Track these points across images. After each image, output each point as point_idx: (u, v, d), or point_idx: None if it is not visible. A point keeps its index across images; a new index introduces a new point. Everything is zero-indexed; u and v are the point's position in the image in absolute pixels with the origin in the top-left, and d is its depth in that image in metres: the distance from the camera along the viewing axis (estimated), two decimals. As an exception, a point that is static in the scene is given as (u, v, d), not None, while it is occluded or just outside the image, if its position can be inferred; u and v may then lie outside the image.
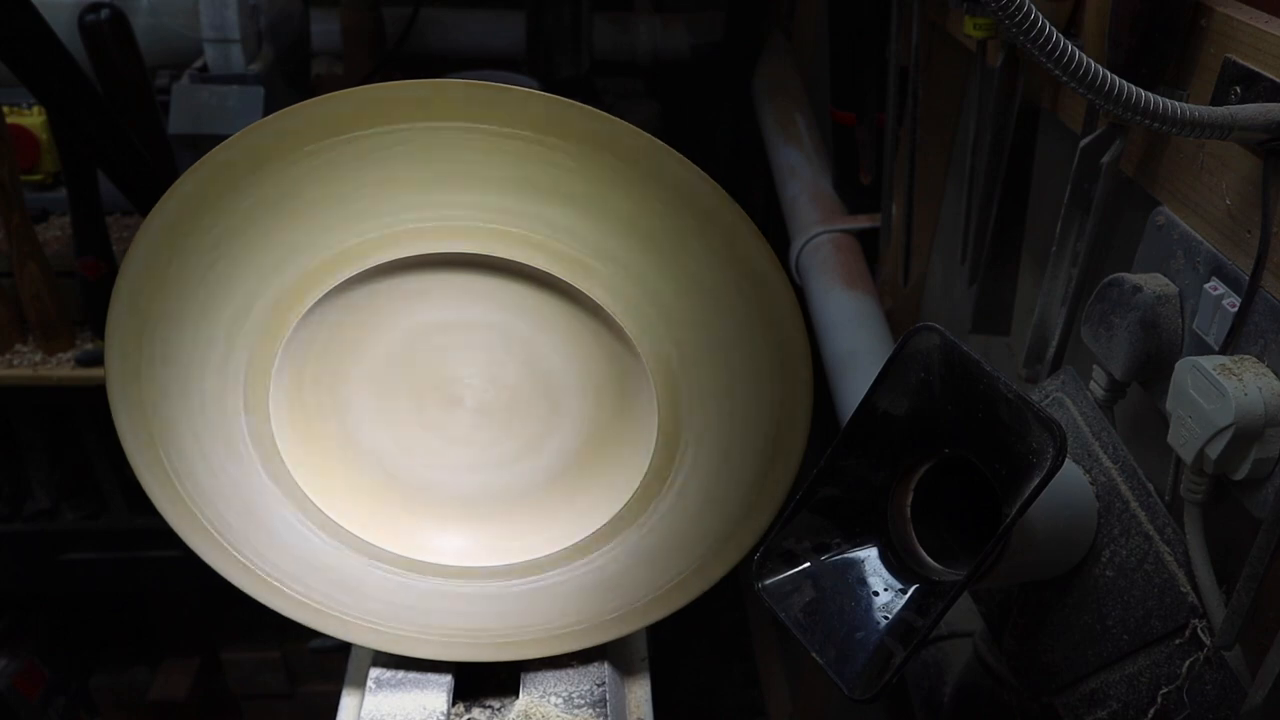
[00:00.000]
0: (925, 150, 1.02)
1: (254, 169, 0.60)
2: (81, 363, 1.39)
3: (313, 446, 0.68)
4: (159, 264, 0.62)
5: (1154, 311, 0.58)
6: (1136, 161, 0.64)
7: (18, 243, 1.32)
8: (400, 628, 0.71)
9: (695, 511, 0.68)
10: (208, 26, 1.41)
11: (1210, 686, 0.54)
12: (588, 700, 0.70)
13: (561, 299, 0.64)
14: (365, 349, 0.66)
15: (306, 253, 0.62)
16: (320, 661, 1.89)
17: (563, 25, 1.49)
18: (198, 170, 0.60)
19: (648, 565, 0.69)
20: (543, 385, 0.67)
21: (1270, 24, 0.52)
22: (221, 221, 0.61)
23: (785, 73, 1.54)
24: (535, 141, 0.59)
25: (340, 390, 0.68)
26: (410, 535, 0.70)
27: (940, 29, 0.94)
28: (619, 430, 0.68)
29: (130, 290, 0.62)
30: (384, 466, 0.70)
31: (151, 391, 0.64)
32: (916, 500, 0.56)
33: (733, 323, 0.63)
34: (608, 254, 0.62)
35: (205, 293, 0.62)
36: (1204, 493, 0.54)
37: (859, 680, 0.52)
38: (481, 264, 0.63)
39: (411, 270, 0.63)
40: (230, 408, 0.65)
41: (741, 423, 0.66)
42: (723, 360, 0.64)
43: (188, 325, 0.63)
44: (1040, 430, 0.48)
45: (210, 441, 0.66)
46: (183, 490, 0.67)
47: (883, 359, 0.53)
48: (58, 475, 1.55)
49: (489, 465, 0.70)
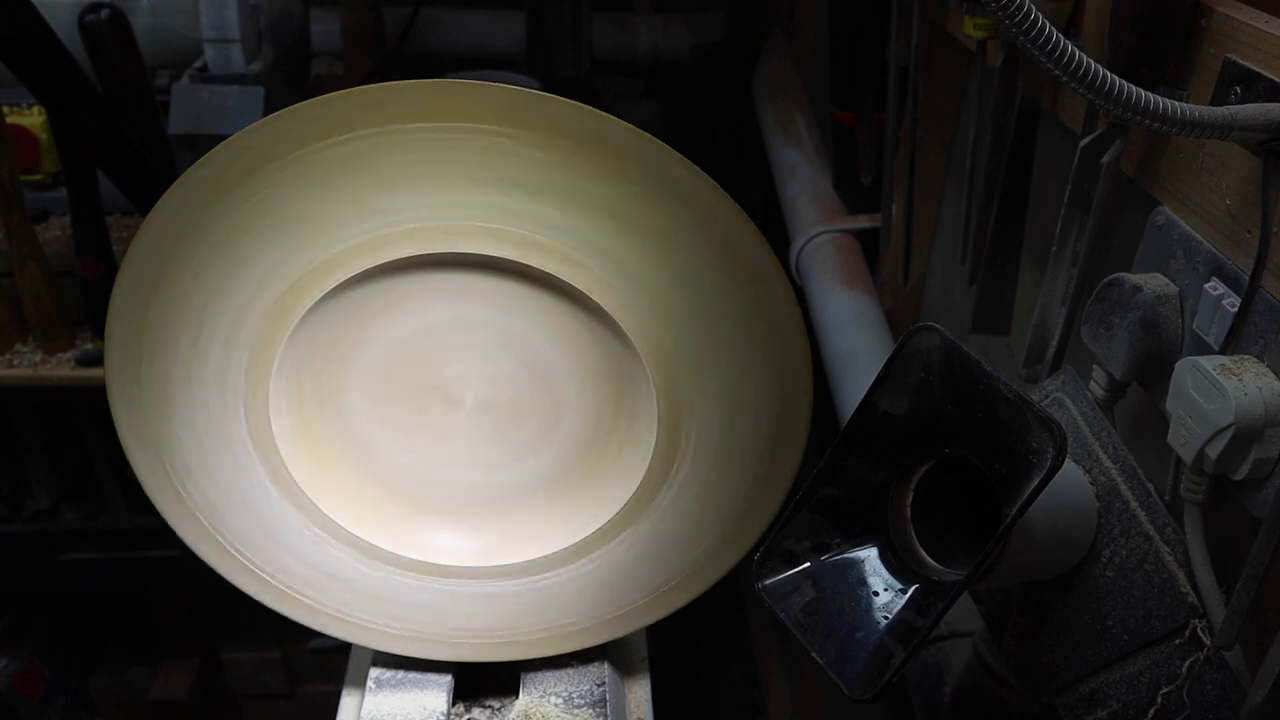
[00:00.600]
0: (925, 150, 1.02)
1: (254, 169, 0.60)
2: (81, 363, 1.39)
3: (312, 447, 0.68)
4: (159, 264, 0.62)
5: (1154, 311, 0.58)
6: (1136, 161, 0.64)
7: (18, 243, 1.32)
8: (400, 628, 0.71)
9: (695, 512, 0.68)
10: (208, 26, 1.41)
11: (1210, 686, 0.54)
12: (588, 700, 0.70)
13: (561, 299, 0.64)
14: (364, 349, 0.66)
15: (306, 253, 0.62)
16: (320, 661, 1.89)
17: (563, 25, 1.49)
18: (198, 170, 0.60)
19: (648, 565, 0.69)
20: (542, 385, 0.67)
21: (1270, 24, 0.52)
22: (222, 222, 0.61)
23: (785, 73, 1.54)
24: (532, 142, 0.59)
25: (340, 390, 0.68)
26: (410, 535, 0.70)
27: (940, 29, 0.94)
28: (619, 430, 0.68)
29: (130, 290, 0.62)
30: (383, 466, 0.70)
31: (151, 391, 0.64)
32: (916, 500, 0.56)
33: (732, 323, 0.63)
34: (607, 253, 0.62)
35: (205, 293, 0.62)
36: (1204, 493, 0.54)
37: (859, 680, 0.52)
38: (481, 264, 0.63)
39: (411, 270, 0.63)
40: (230, 408, 0.65)
41: (741, 423, 0.66)
42: (722, 360, 0.64)
43: (188, 325, 0.63)
44: (1040, 430, 0.48)
45: (210, 441, 0.66)
46: (182, 490, 0.67)
47: (883, 359, 0.53)
48: (58, 475, 1.55)
49: (489, 465, 0.70)
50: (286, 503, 0.67)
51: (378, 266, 0.62)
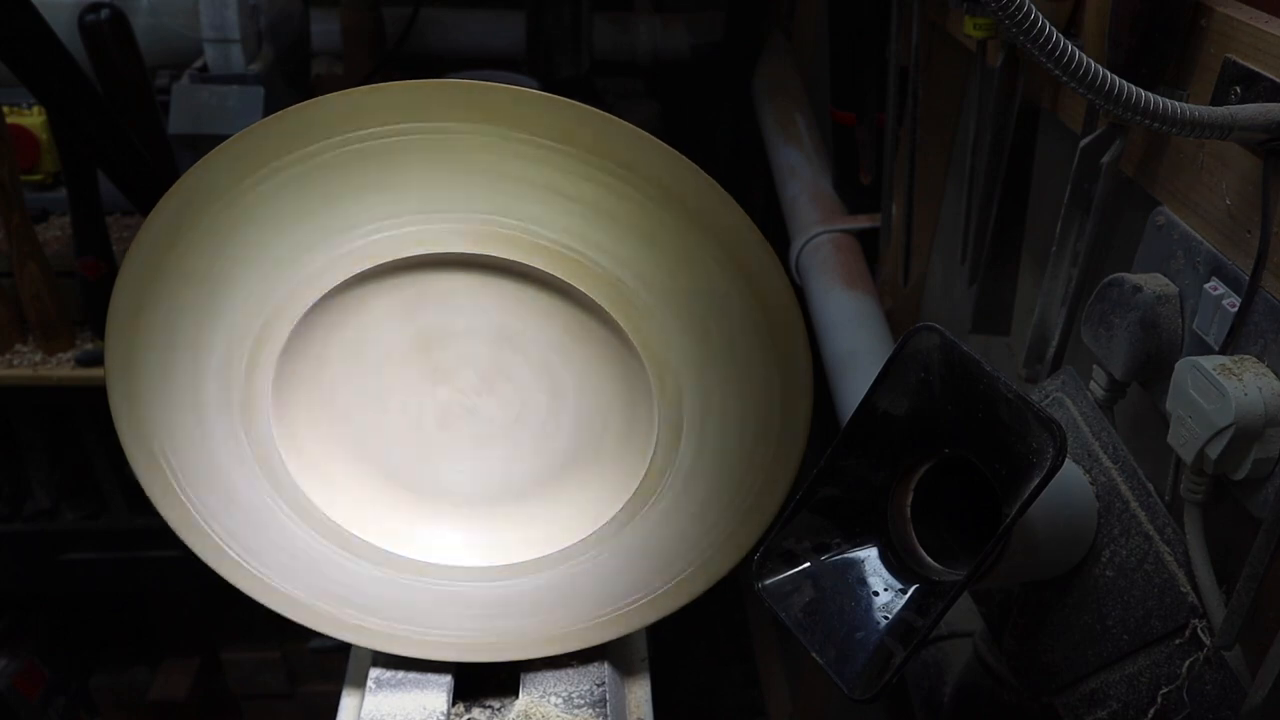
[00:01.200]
0: (925, 150, 1.02)
1: (254, 169, 0.60)
2: (81, 363, 1.39)
3: (311, 446, 0.68)
4: (159, 264, 0.62)
5: (1154, 311, 0.58)
6: (1136, 161, 0.64)
7: (18, 243, 1.32)
8: (400, 628, 0.71)
9: (695, 512, 0.68)
10: (208, 26, 1.41)
11: (1210, 686, 0.54)
12: (588, 700, 0.70)
13: (561, 299, 0.64)
14: (364, 350, 0.66)
15: (306, 253, 0.62)
16: (320, 661, 1.89)
17: (563, 25, 1.48)
18: (199, 169, 0.60)
19: (647, 565, 0.69)
20: (542, 385, 0.67)
21: (1270, 24, 0.52)
22: (222, 222, 0.61)
23: (785, 73, 1.54)
24: (531, 142, 0.59)
25: (339, 391, 0.68)
26: (410, 535, 0.70)
27: (940, 29, 0.94)
28: (619, 430, 0.68)
29: (130, 290, 0.62)
30: (383, 467, 0.70)
31: (151, 391, 0.64)
32: (916, 500, 0.56)
33: (732, 323, 0.63)
34: (606, 253, 0.62)
35: (205, 292, 0.62)
36: (1204, 493, 0.54)
37: (859, 680, 0.52)
38: (480, 264, 0.63)
39: (411, 270, 0.63)
40: (230, 408, 0.65)
41: (741, 423, 0.66)
42: (723, 360, 0.64)
43: (188, 325, 0.63)
44: (1040, 430, 0.48)
45: (209, 442, 0.66)
46: (181, 491, 0.67)
47: (883, 359, 0.53)
48: (58, 475, 1.55)
49: (488, 465, 0.70)
50: (285, 503, 0.67)
51: (379, 266, 0.62)
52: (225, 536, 0.68)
